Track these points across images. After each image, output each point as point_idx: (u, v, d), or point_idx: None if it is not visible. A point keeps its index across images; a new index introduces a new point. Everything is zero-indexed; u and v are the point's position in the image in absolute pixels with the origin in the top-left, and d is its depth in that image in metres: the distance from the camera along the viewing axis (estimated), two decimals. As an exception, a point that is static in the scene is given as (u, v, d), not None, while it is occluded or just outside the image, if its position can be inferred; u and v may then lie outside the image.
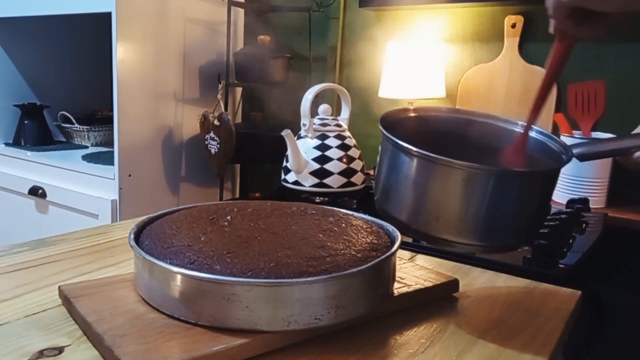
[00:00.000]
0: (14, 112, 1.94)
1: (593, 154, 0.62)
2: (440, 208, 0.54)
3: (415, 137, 0.57)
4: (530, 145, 0.61)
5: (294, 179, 1.11)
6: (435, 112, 0.65)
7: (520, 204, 0.54)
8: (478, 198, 0.52)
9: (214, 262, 0.50)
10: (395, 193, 0.58)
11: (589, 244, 0.91)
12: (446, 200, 0.53)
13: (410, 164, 0.55)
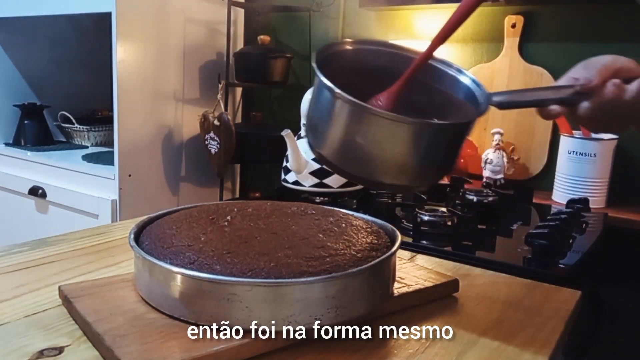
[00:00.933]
0: (14, 112, 1.94)
1: (512, 103, 0.61)
2: (356, 148, 0.54)
3: (351, 71, 0.58)
4: (458, 87, 0.61)
5: (294, 179, 1.11)
6: (374, 46, 0.63)
7: (428, 151, 0.54)
8: (389, 143, 0.53)
9: (214, 262, 0.50)
10: (316, 126, 0.57)
11: (589, 244, 0.91)
12: (358, 141, 0.53)
13: (331, 101, 0.54)
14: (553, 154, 1.41)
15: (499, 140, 1.37)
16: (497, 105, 0.58)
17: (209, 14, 1.79)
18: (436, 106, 0.61)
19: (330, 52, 0.59)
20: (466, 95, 0.61)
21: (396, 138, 0.53)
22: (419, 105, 0.60)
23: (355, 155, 0.54)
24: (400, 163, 0.54)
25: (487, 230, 0.91)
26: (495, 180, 1.36)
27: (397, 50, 0.63)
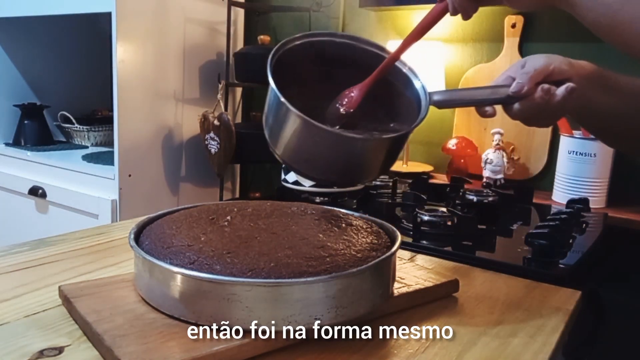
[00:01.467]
0: (14, 112, 1.94)
1: (450, 102, 0.64)
2: (302, 152, 0.57)
3: (307, 63, 0.59)
4: (411, 87, 0.62)
5: (294, 179, 1.11)
6: (329, 37, 0.63)
7: (367, 159, 0.58)
8: (333, 153, 0.55)
9: (214, 262, 0.50)
10: (266, 119, 0.59)
11: (589, 244, 0.91)
12: (302, 146, 0.57)
13: (275, 101, 0.56)
14: (553, 154, 1.41)
15: (499, 140, 1.37)
16: (436, 104, 0.62)
17: (209, 14, 1.79)
18: (392, 99, 0.63)
19: (285, 49, 0.60)
20: (415, 96, 0.63)
21: (339, 149, 0.55)
22: (380, 98, 0.62)
23: (302, 157, 0.57)
24: (342, 168, 0.58)
25: (487, 230, 0.91)
26: (495, 180, 1.36)
27: (350, 41, 0.63)
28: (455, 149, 1.47)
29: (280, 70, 0.57)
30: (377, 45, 0.63)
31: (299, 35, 0.61)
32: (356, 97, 0.58)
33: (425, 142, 1.68)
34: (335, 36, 0.63)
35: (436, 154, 1.62)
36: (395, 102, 0.63)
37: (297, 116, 0.53)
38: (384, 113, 0.64)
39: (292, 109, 0.53)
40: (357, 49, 0.63)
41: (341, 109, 0.59)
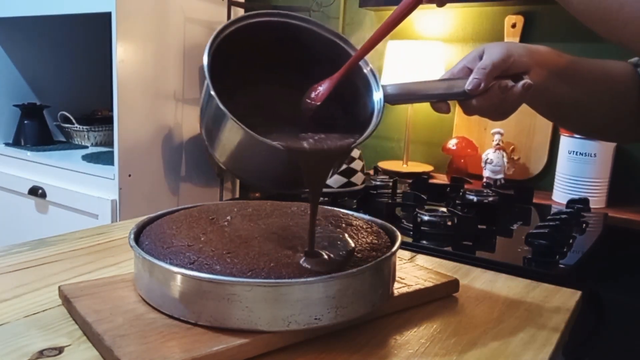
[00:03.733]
0: (14, 112, 1.94)
1: (402, 97, 0.59)
2: (237, 157, 0.53)
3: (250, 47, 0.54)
4: (370, 88, 0.58)
5: (294, 179, 1.11)
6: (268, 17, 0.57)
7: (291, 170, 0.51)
8: (268, 162, 0.51)
9: (214, 262, 0.50)
10: (210, 129, 0.54)
11: (589, 244, 0.91)
12: (237, 152, 0.52)
13: (207, 95, 0.51)
14: (553, 154, 1.41)
15: (499, 140, 1.38)
16: (389, 99, 0.57)
17: (209, 14, 1.79)
18: (350, 98, 0.58)
19: (222, 37, 0.54)
20: (371, 102, 0.58)
21: (274, 160, 0.51)
22: (342, 95, 0.57)
23: (238, 163, 0.54)
24: (280, 176, 0.54)
25: (487, 230, 0.91)
26: (495, 180, 1.36)
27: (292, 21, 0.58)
28: (455, 149, 1.47)
29: (224, 56, 0.52)
30: (334, 32, 0.59)
31: (247, 15, 0.55)
32: (324, 91, 0.54)
33: (425, 142, 1.68)
34: (289, 17, 0.57)
35: (436, 154, 1.62)
36: (353, 102, 0.58)
37: (232, 121, 0.49)
38: (342, 111, 0.59)
39: (223, 108, 0.49)
40: (310, 32, 0.58)
41: (307, 103, 0.55)
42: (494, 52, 0.59)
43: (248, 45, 0.55)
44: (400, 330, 0.55)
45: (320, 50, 0.58)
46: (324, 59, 0.57)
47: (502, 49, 0.59)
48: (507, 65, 0.59)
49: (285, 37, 0.57)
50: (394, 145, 1.75)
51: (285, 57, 0.58)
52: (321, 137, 0.52)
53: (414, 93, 0.61)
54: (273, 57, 0.57)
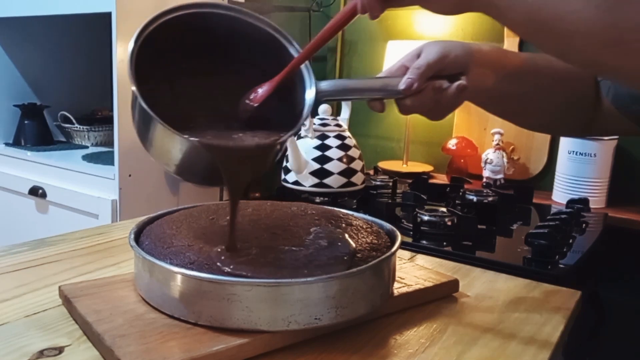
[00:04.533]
0: (14, 112, 1.94)
1: (337, 92, 0.58)
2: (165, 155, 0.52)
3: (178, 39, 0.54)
4: (299, 77, 0.57)
5: (294, 179, 1.11)
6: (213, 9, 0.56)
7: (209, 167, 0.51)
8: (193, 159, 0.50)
9: (214, 262, 0.50)
10: (139, 126, 0.54)
11: (589, 244, 0.91)
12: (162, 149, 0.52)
13: (140, 111, 0.51)
14: (553, 154, 1.41)
15: (499, 140, 1.38)
16: (323, 95, 0.57)
17: (209, 14, 1.78)
18: (288, 93, 0.57)
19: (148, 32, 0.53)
20: (303, 98, 0.58)
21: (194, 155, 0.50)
22: (280, 91, 0.56)
23: (164, 158, 0.53)
24: (202, 171, 0.53)
25: (487, 230, 0.91)
26: (495, 180, 1.36)
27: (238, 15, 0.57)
28: (455, 149, 1.47)
29: (153, 49, 0.52)
30: (269, 24, 0.58)
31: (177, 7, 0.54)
32: (263, 93, 0.54)
33: (425, 142, 1.68)
34: (219, 8, 0.56)
35: (436, 154, 1.62)
36: (290, 98, 0.58)
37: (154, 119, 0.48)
38: (279, 107, 0.57)
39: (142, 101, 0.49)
40: (243, 23, 0.57)
41: (246, 104, 0.55)
42: (430, 51, 0.59)
43: (179, 38, 0.55)
44: (400, 330, 0.55)
45: (257, 40, 0.57)
46: (260, 49, 0.57)
47: (439, 49, 0.59)
48: (443, 65, 0.58)
49: (218, 28, 0.57)
50: (394, 145, 1.75)
51: (220, 48, 0.57)
52: (245, 135, 0.52)
53: (348, 90, 0.60)
54: (207, 49, 0.57)
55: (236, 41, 0.57)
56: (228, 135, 0.52)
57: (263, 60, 0.57)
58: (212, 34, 0.57)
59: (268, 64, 0.57)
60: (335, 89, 0.58)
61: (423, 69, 0.57)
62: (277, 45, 0.57)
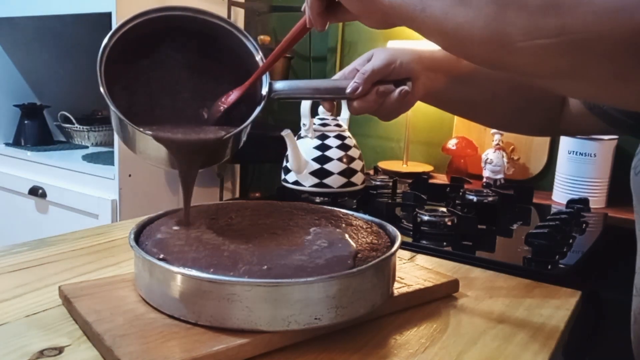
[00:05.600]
0: (14, 112, 1.94)
1: (288, 93, 0.63)
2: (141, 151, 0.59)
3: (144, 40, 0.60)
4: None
5: (294, 179, 1.11)
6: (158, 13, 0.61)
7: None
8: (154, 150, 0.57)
9: (214, 262, 0.50)
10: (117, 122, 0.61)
11: (589, 244, 0.91)
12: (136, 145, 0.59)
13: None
14: (553, 154, 1.41)
15: (499, 140, 1.38)
16: (276, 94, 0.62)
17: (209, 14, 1.78)
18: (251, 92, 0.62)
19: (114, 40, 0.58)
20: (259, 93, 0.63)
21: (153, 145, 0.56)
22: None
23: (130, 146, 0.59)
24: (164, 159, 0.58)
25: (487, 230, 0.91)
26: (495, 180, 1.36)
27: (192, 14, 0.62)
28: (455, 149, 1.47)
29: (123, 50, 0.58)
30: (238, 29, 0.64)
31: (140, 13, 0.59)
32: (232, 98, 0.61)
33: (425, 142, 1.68)
34: (174, 10, 0.61)
35: (436, 154, 1.62)
36: (251, 96, 0.63)
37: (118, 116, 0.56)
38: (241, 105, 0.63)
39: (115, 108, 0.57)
40: (199, 21, 0.62)
41: (218, 106, 0.61)
42: (378, 57, 0.63)
43: (152, 38, 0.60)
44: (400, 330, 0.55)
45: (227, 43, 0.63)
46: (229, 51, 0.63)
47: (386, 55, 0.63)
48: (389, 71, 0.62)
49: (190, 29, 0.62)
50: (394, 145, 1.75)
51: (191, 48, 0.63)
52: (199, 129, 0.59)
53: (300, 90, 0.65)
54: (178, 48, 0.63)
55: (207, 42, 0.63)
56: (188, 130, 0.58)
57: (232, 61, 0.63)
58: (183, 35, 0.62)
59: (236, 63, 0.63)
60: (288, 88, 0.63)
61: (368, 74, 0.62)
62: (242, 44, 0.64)
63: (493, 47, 0.39)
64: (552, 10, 0.35)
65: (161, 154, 0.56)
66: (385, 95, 0.62)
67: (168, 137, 0.55)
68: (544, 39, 0.36)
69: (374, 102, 0.63)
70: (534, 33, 0.36)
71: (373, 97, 0.62)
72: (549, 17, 0.35)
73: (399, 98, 0.62)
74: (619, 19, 0.33)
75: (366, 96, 0.62)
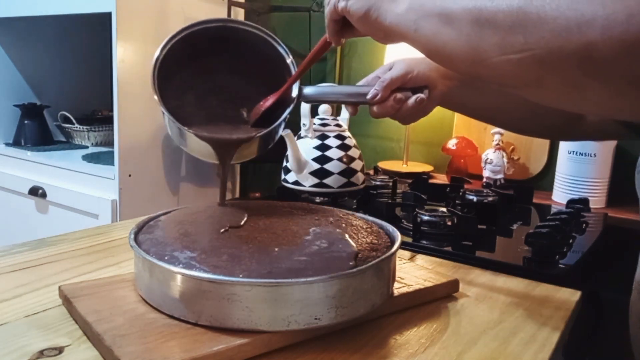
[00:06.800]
0: (14, 112, 1.94)
1: (316, 98, 0.71)
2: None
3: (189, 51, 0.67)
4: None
5: (294, 179, 1.11)
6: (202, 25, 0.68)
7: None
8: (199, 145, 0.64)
9: (214, 262, 0.50)
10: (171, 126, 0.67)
11: (589, 244, 0.91)
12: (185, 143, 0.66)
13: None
14: (553, 154, 1.41)
15: (499, 140, 1.37)
16: (304, 98, 0.69)
17: (209, 14, 1.79)
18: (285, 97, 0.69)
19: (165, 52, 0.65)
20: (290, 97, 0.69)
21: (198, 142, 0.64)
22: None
23: (179, 141, 0.67)
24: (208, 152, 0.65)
25: (487, 230, 0.91)
26: (495, 180, 1.36)
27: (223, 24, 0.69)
28: (455, 149, 1.47)
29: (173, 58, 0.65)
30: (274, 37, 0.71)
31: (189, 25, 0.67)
32: (269, 104, 0.67)
33: (425, 142, 1.68)
34: (230, 22, 0.70)
35: (436, 154, 1.62)
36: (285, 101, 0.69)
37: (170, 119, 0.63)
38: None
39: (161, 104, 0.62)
40: (240, 31, 0.69)
41: (257, 109, 0.68)
42: (398, 67, 0.70)
43: (196, 48, 0.68)
44: (400, 330, 0.55)
45: (262, 50, 0.70)
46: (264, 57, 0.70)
47: (405, 65, 0.69)
48: (406, 80, 0.69)
49: (230, 39, 0.69)
50: (394, 145, 1.75)
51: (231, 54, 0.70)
52: (234, 128, 0.67)
53: (327, 95, 0.72)
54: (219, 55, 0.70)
55: (245, 49, 0.70)
56: (227, 130, 0.66)
57: (265, 64, 0.70)
58: (224, 44, 0.69)
59: (268, 66, 0.70)
60: (316, 93, 0.70)
61: (387, 82, 0.68)
62: (277, 54, 0.70)
63: (472, 61, 0.45)
64: (519, 29, 0.41)
65: (204, 149, 0.64)
66: (403, 102, 0.68)
67: (208, 136, 0.63)
68: (512, 54, 0.42)
69: (392, 107, 0.68)
70: (504, 49, 0.42)
71: (391, 103, 0.68)
72: (516, 35, 0.41)
73: (415, 105, 0.68)
74: (570, 35, 0.38)
75: (385, 102, 0.68)
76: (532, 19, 0.40)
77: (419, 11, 0.49)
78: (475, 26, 0.44)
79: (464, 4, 0.45)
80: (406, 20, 0.50)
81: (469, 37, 0.45)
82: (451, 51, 0.47)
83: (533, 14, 0.40)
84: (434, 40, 0.48)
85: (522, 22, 0.41)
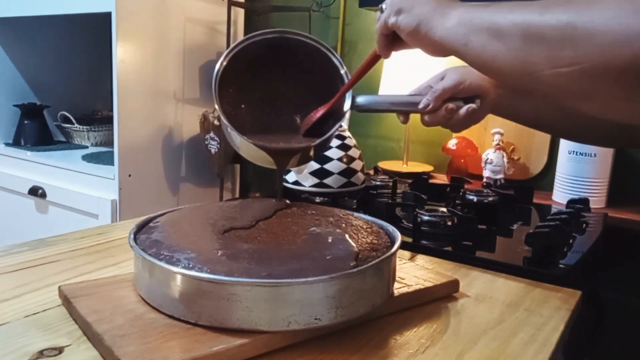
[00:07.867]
0: (14, 112, 1.94)
1: (369, 108, 0.73)
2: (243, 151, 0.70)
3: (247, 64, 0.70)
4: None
5: (294, 179, 1.11)
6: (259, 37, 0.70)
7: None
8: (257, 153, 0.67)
9: (214, 262, 0.50)
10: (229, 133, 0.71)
11: (589, 244, 0.90)
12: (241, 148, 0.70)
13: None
14: (553, 154, 1.41)
15: (499, 140, 1.37)
16: (358, 107, 0.71)
17: (209, 14, 1.79)
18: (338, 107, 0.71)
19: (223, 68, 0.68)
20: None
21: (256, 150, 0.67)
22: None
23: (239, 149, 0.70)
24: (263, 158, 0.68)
25: (487, 230, 0.91)
26: (495, 180, 1.36)
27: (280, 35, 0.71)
28: (455, 149, 1.47)
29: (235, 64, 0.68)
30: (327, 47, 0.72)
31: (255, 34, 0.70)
32: (320, 114, 0.69)
33: (425, 142, 1.68)
34: (286, 33, 0.71)
35: (436, 154, 1.62)
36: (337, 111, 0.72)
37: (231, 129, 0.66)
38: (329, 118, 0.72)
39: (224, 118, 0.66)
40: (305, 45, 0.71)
41: (309, 118, 0.70)
42: (449, 77, 0.71)
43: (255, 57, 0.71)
44: (400, 330, 0.55)
45: (315, 59, 0.71)
46: (317, 67, 0.72)
47: (457, 75, 0.70)
48: (458, 90, 0.70)
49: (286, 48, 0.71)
50: (394, 145, 1.75)
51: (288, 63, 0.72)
52: (289, 137, 0.69)
53: (379, 104, 0.75)
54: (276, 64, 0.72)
55: (300, 59, 0.72)
56: (282, 138, 0.69)
57: (320, 74, 0.72)
58: (280, 54, 0.71)
59: (323, 76, 0.72)
60: (369, 102, 0.72)
61: (439, 92, 0.69)
62: (332, 64, 0.72)
63: (521, 74, 0.46)
64: (567, 43, 0.42)
65: (261, 155, 0.67)
66: (454, 112, 0.70)
67: (264, 145, 0.66)
68: (561, 68, 0.43)
69: (444, 117, 0.70)
70: (553, 63, 0.43)
71: (443, 113, 0.70)
72: (565, 50, 0.42)
73: (465, 115, 0.70)
74: (619, 49, 0.39)
75: (436, 112, 0.70)
76: (581, 33, 0.41)
77: (468, 26, 0.50)
78: (524, 40, 0.45)
79: (513, 18, 0.46)
80: (456, 35, 0.51)
81: (518, 52, 0.46)
82: (501, 65, 0.48)
83: (581, 29, 0.41)
84: (483, 54, 0.49)
85: (571, 36, 0.42)
